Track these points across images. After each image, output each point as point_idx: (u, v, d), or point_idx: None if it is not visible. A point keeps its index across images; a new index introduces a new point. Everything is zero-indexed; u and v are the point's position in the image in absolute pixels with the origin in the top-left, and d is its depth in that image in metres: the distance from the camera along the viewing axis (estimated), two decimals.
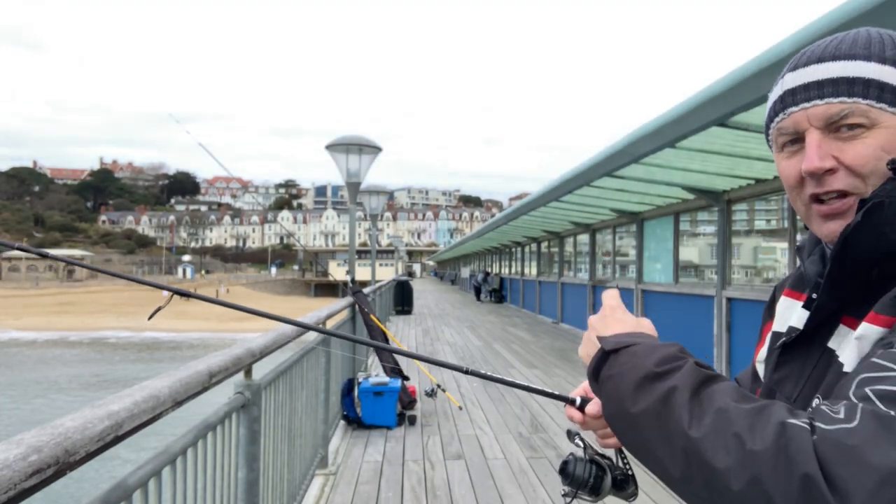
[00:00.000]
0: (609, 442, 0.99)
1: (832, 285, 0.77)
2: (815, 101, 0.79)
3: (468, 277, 35.17)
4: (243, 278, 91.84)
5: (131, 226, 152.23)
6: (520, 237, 20.27)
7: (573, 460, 0.98)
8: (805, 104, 0.79)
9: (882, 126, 0.76)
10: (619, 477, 0.98)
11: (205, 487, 1.96)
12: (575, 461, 0.98)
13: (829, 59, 0.79)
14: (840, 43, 0.80)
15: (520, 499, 4.16)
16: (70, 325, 41.55)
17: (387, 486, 4.37)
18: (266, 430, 2.77)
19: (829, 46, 0.80)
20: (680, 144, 5.85)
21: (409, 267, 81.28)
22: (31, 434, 1.01)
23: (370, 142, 7.30)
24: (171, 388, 1.48)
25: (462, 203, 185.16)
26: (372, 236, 14.78)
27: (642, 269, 10.88)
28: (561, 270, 16.72)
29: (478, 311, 20.78)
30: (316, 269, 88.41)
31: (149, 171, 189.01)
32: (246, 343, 2.34)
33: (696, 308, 8.65)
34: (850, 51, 0.78)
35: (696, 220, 9.91)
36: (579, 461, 0.98)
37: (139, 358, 30.26)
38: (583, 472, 0.97)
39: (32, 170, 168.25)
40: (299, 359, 3.72)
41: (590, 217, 12.85)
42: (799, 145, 0.81)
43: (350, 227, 7.65)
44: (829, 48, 0.80)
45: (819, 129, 0.78)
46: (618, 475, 0.98)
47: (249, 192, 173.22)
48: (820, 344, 0.80)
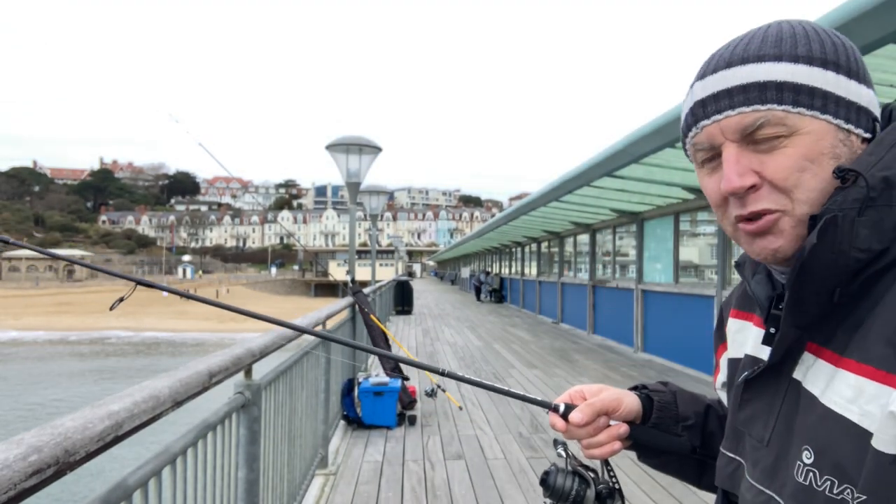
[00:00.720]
0: (594, 452, 0.93)
1: (794, 316, 0.69)
2: (727, 111, 0.71)
3: (468, 277, 35.18)
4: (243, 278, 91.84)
5: (131, 226, 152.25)
6: (520, 237, 20.27)
7: (555, 471, 0.94)
8: (717, 116, 0.72)
9: (802, 132, 0.69)
10: (603, 491, 0.93)
11: (205, 487, 1.96)
12: (557, 472, 0.93)
13: (738, 62, 0.71)
14: (748, 43, 0.72)
15: (520, 499, 4.16)
16: (70, 325, 41.55)
17: (387, 486, 4.37)
18: (266, 430, 2.77)
19: (738, 48, 0.72)
20: (680, 144, 5.85)
21: (409, 267, 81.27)
22: (31, 434, 1.01)
23: (370, 142, 7.31)
24: (171, 388, 1.48)
25: (462, 203, 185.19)
26: (372, 236, 14.77)
27: (642, 269, 10.88)
28: (561, 270, 16.72)
29: (478, 312, 20.78)
30: (316, 269, 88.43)
31: (149, 171, 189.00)
32: (246, 343, 2.34)
33: (696, 308, 8.65)
34: (759, 51, 0.70)
35: (696, 220, 9.91)
36: (561, 472, 0.93)
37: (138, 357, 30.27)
38: (563, 484, 0.93)
39: (32, 170, 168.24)
40: (299, 359, 3.72)
41: (590, 217, 12.85)
42: (718, 161, 0.73)
43: (350, 227, 7.65)
44: (737, 50, 0.72)
45: (735, 143, 0.71)
46: (602, 489, 0.93)
47: (249, 192, 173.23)
48: (785, 375, 0.72)
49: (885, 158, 0.66)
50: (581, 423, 0.91)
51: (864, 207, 0.64)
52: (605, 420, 0.93)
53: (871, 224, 0.64)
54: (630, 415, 0.95)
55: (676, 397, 0.99)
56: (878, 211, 0.64)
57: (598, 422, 0.92)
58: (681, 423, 0.96)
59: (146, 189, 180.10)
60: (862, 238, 0.64)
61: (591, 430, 0.92)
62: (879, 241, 0.64)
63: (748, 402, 0.78)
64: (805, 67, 0.69)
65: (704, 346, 8.28)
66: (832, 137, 0.69)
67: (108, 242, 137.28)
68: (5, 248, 58.76)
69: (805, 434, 0.67)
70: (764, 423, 0.75)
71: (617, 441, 0.92)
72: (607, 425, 0.93)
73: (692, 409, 0.98)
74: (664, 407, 0.97)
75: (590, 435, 0.92)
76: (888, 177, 0.65)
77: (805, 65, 0.69)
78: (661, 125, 5.44)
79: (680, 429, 0.96)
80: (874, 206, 0.64)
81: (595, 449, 0.92)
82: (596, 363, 9.78)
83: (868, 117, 0.71)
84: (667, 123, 5.36)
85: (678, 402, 0.98)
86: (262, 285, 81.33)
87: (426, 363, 1.10)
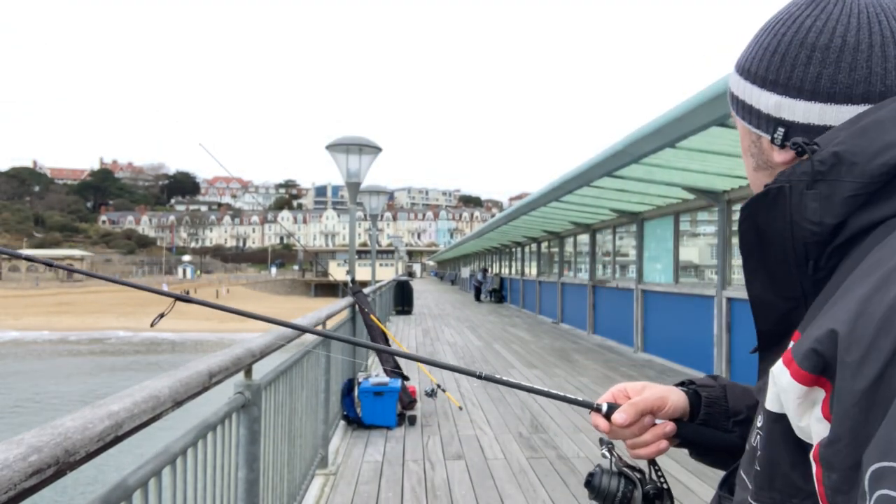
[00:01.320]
0: (640, 452, 0.91)
1: (768, 280, 0.72)
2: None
3: (468, 277, 35.17)
4: (243, 278, 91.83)
5: (131, 226, 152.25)
6: (520, 237, 20.27)
7: (600, 472, 0.91)
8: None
9: (739, 132, 0.80)
10: (651, 492, 0.90)
11: (205, 487, 1.96)
12: (602, 473, 0.91)
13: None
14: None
15: (520, 499, 4.16)
16: (70, 326, 41.55)
17: (387, 487, 4.37)
18: (266, 430, 2.77)
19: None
20: (680, 144, 5.85)
21: (409, 267, 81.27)
22: (31, 434, 1.01)
23: (370, 142, 7.31)
24: (171, 388, 1.48)
25: (462, 203, 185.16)
26: (372, 236, 14.78)
27: (642, 269, 10.88)
28: (561, 270, 16.72)
29: (478, 312, 20.78)
30: (316, 269, 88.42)
31: (149, 171, 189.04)
32: (246, 343, 2.34)
33: (697, 308, 8.65)
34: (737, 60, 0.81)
35: (696, 220, 9.92)
36: (606, 473, 0.91)
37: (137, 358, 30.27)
38: (609, 485, 0.90)
39: (32, 170, 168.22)
40: (299, 359, 3.72)
41: (590, 217, 12.85)
42: None
43: (350, 228, 7.65)
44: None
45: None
46: (650, 490, 0.90)
47: (249, 192, 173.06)
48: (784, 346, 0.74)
49: (841, 136, 0.66)
50: (624, 424, 0.89)
51: (813, 181, 0.65)
52: (651, 419, 0.91)
53: (820, 197, 0.65)
54: (676, 412, 0.93)
55: (727, 391, 0.96)
56: (829, 185, 0.65)
57: (643, 421, 0.90)
58: (731, 418, 0.94)
59: (146, 189, 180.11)
60: (811, 210, 0.65)
61: (636, 429, 0.90)
62: (831, 215, 0.65)
63: (762, 373, 0.80)
64: (734, 76, 0.80)
65: (705, 346, 8.28)
66: (748, 139, 0.79)
67: (108, 242, 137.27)
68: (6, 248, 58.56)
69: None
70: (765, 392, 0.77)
71: (663, 440, 0.91)
72: (653, 424, 0.91)
73: (743, 402, 0.96)
74: (713, 402, 0.95)
75: (634, 435, 0.90)
76: (838, 152, 0.65)
77: (735, 72, 0.79)
78: (661, 125, 5.44)
79: (731, 424, 0.94)
80: (823, 179, 0.65)
81: (641, 449, 0.91)
82: (596, 363, 9.78)
83: (769, 122, 0.74)
84: (667, 123, 5.36)
85: (728, 397, 0.96)
86: (262, 285, 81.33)
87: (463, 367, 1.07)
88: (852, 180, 0.64)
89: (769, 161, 0.75)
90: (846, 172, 0.64)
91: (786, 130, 0.72)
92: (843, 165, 0.64)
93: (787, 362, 0.60)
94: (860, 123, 0.66)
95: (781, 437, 0.63)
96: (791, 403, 0.60)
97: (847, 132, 0.66)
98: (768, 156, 0.75)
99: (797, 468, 0.62)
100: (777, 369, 0.62)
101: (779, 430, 0.63)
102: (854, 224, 0.64)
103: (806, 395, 0.58)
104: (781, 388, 0.61)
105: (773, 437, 0.64)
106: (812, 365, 0.58)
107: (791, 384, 0.59)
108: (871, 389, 0.52)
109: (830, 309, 0.60)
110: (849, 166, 0.64)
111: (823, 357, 0.57)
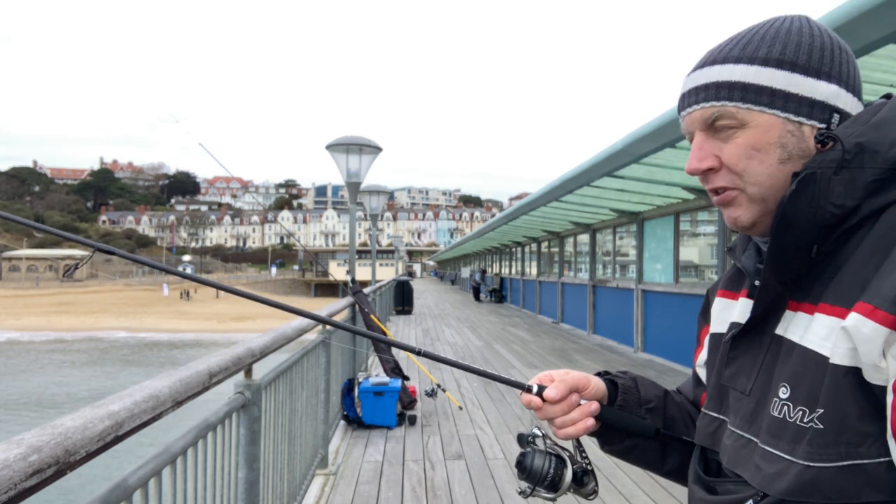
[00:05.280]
0: (570, 431, 0.95)
1: (776, 263, 0.77)
2: (694, 105, 0.84)
3: (468, 277, 35.17)
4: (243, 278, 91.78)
5: (131, 226, 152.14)
6: (520, 237, 20.27)
7: (531, 452, 0.95)
8: (689, 108, 0.85)
9: (751, 125, 0.79)
10: (579, 471, 0.93)
11: (205, 487, 1.96)
12: (533, 453, 0.94)
13: (710, 62, 0.83)
14: (731, 45, 0.82)
15: (520, 499, 4.16)
16: (70, 326, 41.55)
17: (387, 486, 4.37)
18: (266, 430, 2.77)
19: (723, 49, 0.83)
20: (680, 144, 5.85)
21: (409, 267, 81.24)
22: (32, 434, 1.01)
23: (370, 142, 7.30)
24: (171, 388, 1.48)
25: (462, 203, 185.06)
26: (372, 236, 14.77)
27: (642, 269, 10.88)
28: (561, 270, 16.71)
29: (478, 311, 20.77)
30: (316, 269, 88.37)
31: (149, 171, 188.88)
32: (246, 343, 2.34)
33: (697, 308, 8.58)
34: (730, 53, 0.81)
35: (696, 220, 9.91)
36: (538, 453, 0.94)
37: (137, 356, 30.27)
38: (541, 465, 0.93)
39: (32, 170, 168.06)
40: (299, 359, 3.72)
41: (590, 217, 12.85)
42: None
43: (350, 227, 7.65)
44: (719, 51, 0.83)
45: (702, 132, 0.83)
46: (577, 469, 0.93)
47: (249, 192, 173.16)
48: (769, 332, 0.80)
49: (862, 129, 0.75)
50: (556, 399, 0.94)
51: (840, 168, 0.73)
52: (577, 397, 0.97)
53: (845, 182, 0.73)
54: (598, 394, 0.99)
55: (637, 382, 1.04)
56: (852, 171, 0.73)
57: (571, 399, 0.96)
58: (644, 405, 1.01)
59: (146, 189, 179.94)
60: (836, 194, 0.73)
61: (565, 406, 0.95)
62: (853, 197, 0.73)
63: (734, 360, 0.85)
64: (757, 68, 0.79)
65: None
66: (780, 129, 0.79)
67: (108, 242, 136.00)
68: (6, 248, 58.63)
69: (784, 374, 0.75)
70: (747, 376, 0.82)
71: (590, 418, 0.96)
72: (579, 403, 0.96)
73: (653, 392, 1.03)
74: (628, 390, 1.02)
75: (564, 412, 0.95)
76: (862, 143, 0.74)
77: (759, 66, 0.79)
78: (661, 125, 5.44)
79: (643, 412, 1.01)
80: (848, 166, 0.73)
81: (570, 427, 0.95)
82: (596, 363, 9.78)
83: (825, 109, 0.79)
84: (667, 123, 5.36)
85: (639, 387, 1.03)
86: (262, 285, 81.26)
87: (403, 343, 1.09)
88: (874, 167, 0.73)
89: (807, 150, 0.79)
90: (869, 160, 0.73)
91: (840, 118, 0.79)
92: (867, 154, 0.73)
93: (869, 313, 0.66)
94: (872, 120, 0.75)
95: (852, 389, 0.68)
96: (876, 349, 0.65)
97: (861, 127, 0.75)
98: (808, 144, 0.79)
99: (866, 416, 0.67)
100: (855, 322, 0.67)
101: (848, 384, 0.68)
102: (867, 207, 0.73)
103: (891, 336, 0.65)
104: (864, 338, 0.66)
105: (842, 392, 0.68)
106: None
107: (878, 329, 0.65)
108: None
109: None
110: (871, 155, 0.73)
111: None
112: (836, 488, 0.67)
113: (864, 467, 0.66)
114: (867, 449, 0.66)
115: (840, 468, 0.67)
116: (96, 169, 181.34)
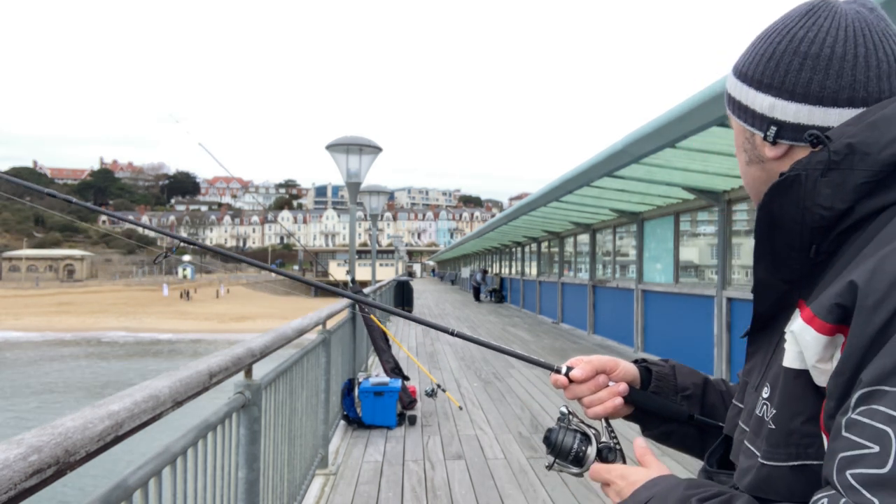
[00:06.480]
0: (597, 410, 0.99)
1: (771, 262, 0.78)
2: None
3: (468, 277, 35.16)
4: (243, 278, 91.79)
5: (132, 225, 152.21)
6: (520, 237, 20.26)
7: (557, 429, 0.97)
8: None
9: (734, 129, 0.87)
10: (604, 449, 0.95)
11: (205, 487, 1.96)
12: (559, 429, 0.97)
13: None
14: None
15: (520, 499, 4.16)
16: (70, 326, 41.54)
17: (387, 487, 4.37)
18: (266, 430, 2.77)
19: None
20: (680, 144, 5.85)
21: (409, 267, 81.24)
22: (32, 434, 1.01)
23: (370, 142, 7.30)
24: (171, 388, 1.48)
25: (462, 203, 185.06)
26: (372, 236, 14.77)
27: (642, 269, 10.87)
28: (561, 270, 16.71)
29: (478, 312, 20.77)
30: (316, 269, 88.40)
31: (149, 171, 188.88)
32: (246, 343, 2.34)
33: (697, 308, 8.65)
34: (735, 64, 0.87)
35: (696, 220, 9.91)
36: (563, 429, 0.97)
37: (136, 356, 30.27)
38: (565, 440, 0.95)
39: (32, 170, 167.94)
40: (299, 359, 3.72)
41: (590, 217, 12.84)
42: None
43: (350, 228, 7.64)
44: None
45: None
46: (603, 447, 0.95)
47: (249, 192, 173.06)
48: (779, 329, 0.81)
49: (857, 128, 0.72)
50: (581, 378, 0.99)
51: (827, 169, 0.72)
52: (605, 378, 1.00)
53: (833, 184, 0.71)
54: (628, 376, 1.02)
55: (675, 370, 1.06)
56: (841, 173, 0.71)
57: (598, 379, 0.99)
58: (679, 393, 1.03)
59: (146, 189, 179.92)
60: (824, 196, 0.72)
61: (592, 385, 0.99)
62: (842, 200, 0.71)
63: (751, 355, 0.88)
64: (731, 78, 0.86)
65: (705, 346, 8.28)
66: (743, 136, 0.85)
67: (108, 242, 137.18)
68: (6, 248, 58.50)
69: (770, 374, 0.77)
70: (758, 371, 0.84)
71: (618, 397, 0.98)
72: (607, 384, 0.99)
73: (690, 380, 1.05)
74: (663, 377, 1.04)
75: (591, 391, 0.99)
76: (853, 143, 0.71)
77: (732, 75, 0.86)
78: (661, 125, 5.43)
79: (679, 399, 1.03)
80: (837, 168, 0.71)
81: (597, 406, 0.99)
82: None
83: (763, 121, 0.81)
84: (667, 123, 5.35)
85: (676, 375, 1.05)
86: (262, 285, 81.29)
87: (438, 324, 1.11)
88: (864, 169, 0.70)
89: (761, 156, 0.82)
90: (858, 162, 0.71)
91: (778, 129, 0.79)
92: (856, 155, 0.71)
93: (809, 320, 0.68)
94: (869, 119, 0.72)
95: (802, 391, 0.69)
96: (815, 355, 0.67)
97: (857, 127, 0.72)
98: (760, 151, 0.82)
99: (815, 419, 0.68)
100: (798, 328, 0.69)
101: (800, 386, 0.69)
102: (860, 210, 0.71)
103: (829, 343, 0.66)
104: (805, 343, 0.68)
105: (794, 394, 0.70)
106: (835, 317, 0.65)
107: (815, 337, 0.66)
108: (878, 334, 0.60)
109: (850, 272, 0.67)
110: (861, 156, 0.71)
111: (844, 308, 0.64)
112: (788, 487, 0.69)
113: (814, 468, 0.67)
114: (816, 450, 0.67)
115: (791, 468, 0.69)
116: (96, 169, 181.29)
